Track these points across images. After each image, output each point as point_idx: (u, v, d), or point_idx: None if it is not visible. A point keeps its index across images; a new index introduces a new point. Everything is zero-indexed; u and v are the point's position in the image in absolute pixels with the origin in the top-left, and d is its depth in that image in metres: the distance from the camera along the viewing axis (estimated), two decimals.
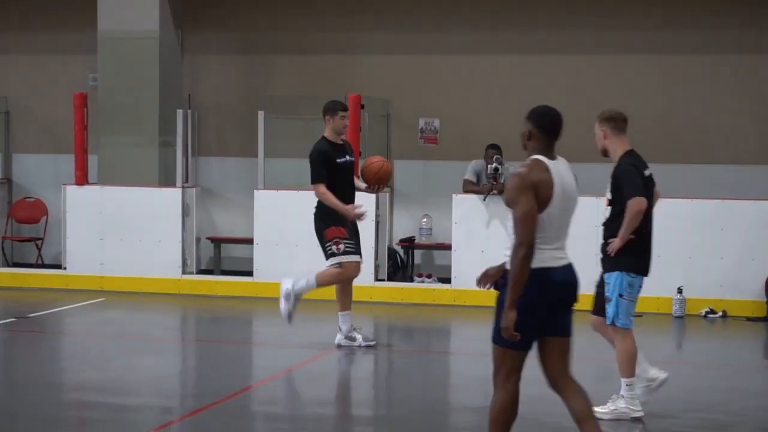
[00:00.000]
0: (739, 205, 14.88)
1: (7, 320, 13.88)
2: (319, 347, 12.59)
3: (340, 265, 12.25)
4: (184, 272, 16.14)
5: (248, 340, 13.95)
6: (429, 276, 16.55)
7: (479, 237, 15.22)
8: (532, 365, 7.21)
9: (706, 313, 14.49)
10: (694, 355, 12.96)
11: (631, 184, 9.44)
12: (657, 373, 9.71)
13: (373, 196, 14.82)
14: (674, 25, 17.22)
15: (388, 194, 16.19)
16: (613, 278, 9.50)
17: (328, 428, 9.89)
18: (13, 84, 18.64)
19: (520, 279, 6.96)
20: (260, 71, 18.11)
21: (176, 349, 12.91)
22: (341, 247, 12.21)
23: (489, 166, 15.39)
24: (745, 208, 14.86)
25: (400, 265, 16.88)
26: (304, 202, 13.65)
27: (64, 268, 16.57)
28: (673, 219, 13.82)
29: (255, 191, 15.74)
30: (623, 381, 9.35)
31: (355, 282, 14.35)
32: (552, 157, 7.32)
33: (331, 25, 17.95)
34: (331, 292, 12.79)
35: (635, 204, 9.32)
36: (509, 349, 7.18)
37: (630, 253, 9.43)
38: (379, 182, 12.60)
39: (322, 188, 12.18)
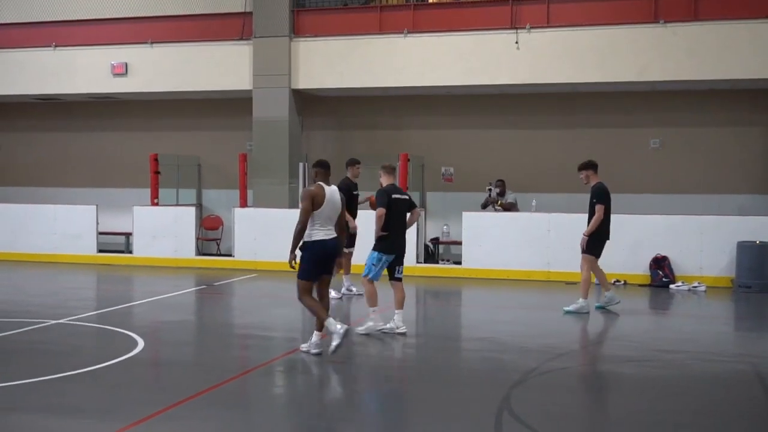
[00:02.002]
0: (631, 218, 14.66)
1: (201, 287, 14.21)
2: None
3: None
4: None
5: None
6: (448, 260, 16.82)
7: (478, 236, 15.41)
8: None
9: (615, 281, 14.48)
10: (613, 306, 12.87)
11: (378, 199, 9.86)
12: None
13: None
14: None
15: (423, 212, 16.54)
16: (373, 254, 9.91)
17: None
18: (202, 149, 19.04)
19: (295, 242, 8.48)
20: (347, 139, 18.41)
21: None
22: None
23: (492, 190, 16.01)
24: (634, 220, 14.71)
25: (431, 254, 17.01)
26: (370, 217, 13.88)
27: (233, 256, 16.79)
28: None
29: None
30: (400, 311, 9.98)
31: (405, 263, 14.78)
32: (328, 184, 8.63)
33: (390, 112, 18.23)
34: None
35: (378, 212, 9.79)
36: (304, 281, 8.53)
37: (382, 240, 9.81)
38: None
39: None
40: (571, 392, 7.79)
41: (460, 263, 15.80)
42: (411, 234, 15.19)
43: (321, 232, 8.48)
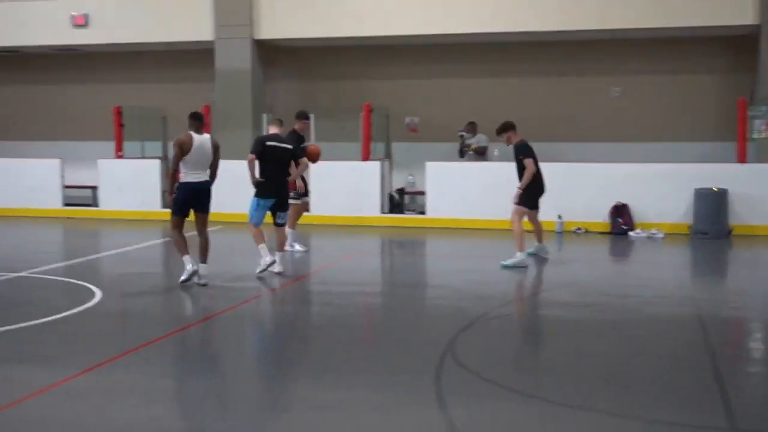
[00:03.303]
0: (591, 166, 15.12)
1: (166, 239, 14.18)
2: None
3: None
4: None
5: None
6: (413, 210, 17.00)
7: (441, 187, 15.62)
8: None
9: (576, 229, 14.81)
10: (571, 253, 13.11)
11: None
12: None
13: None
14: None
15: (388, 162, 16.69)
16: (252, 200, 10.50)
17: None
18: (167, 101, 18.86)
19: (169, 184, 9.66)
20: (312, 91, 18.44)
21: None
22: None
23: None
24: (594, 168, 15.08)
25: (395, 203, 17.13)
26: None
27: None
28: (557, 174, 14.24)
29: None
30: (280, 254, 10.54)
31: (370, 213, 14.93)
32: (199, 133, 9.53)
33: (354, 62, 18.25)
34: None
35: None
36: (175, 216, 9.68)
37: (259, 186, 10.44)
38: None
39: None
40: (515, 336, 8.09)
41: (423, 213, 16.00)
42: (375, 184, 15.48)
43: (190, 175, 9.54)
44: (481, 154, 16.12)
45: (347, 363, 6.79)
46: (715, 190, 14.11)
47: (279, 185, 10.55)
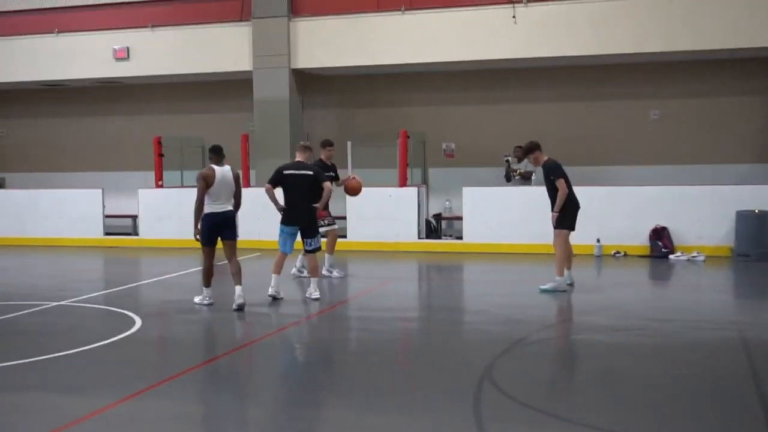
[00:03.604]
0: (631, 189, 15.02)
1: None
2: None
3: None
4: None
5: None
6: (450, 236, 16.95)
7: (478, 212, 15.56)
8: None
9: (615, 253, 14.68)
10: (611, 277, 13.09)
11: None
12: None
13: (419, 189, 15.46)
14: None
15: (425, 187, 16.70)
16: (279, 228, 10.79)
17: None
18: (205, 130, 18.96)
19: (195, 216, 9.87)
20: (349, 118, 18.55)
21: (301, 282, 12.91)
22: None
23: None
24: (634, 191, 14.97)
25: (433, 229, 17.06)
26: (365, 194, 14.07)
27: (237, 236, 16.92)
28: (595, 197, 14.18)
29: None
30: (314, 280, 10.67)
31: (407, 239, 14.92)
32: (220, 165, 9.93)
33: (391, 89, 18.34)
34: None
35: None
36: (203, 246, 10.00)
37: (283, 213, 10.68)
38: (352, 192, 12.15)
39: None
40: (553, 361, 7.99)
41: (461, 238, 15.96)
42: (412, 210, 15.49)
43: (214, 205, 9.92)
44: (527, 179, 16.02)
45: (384, 387, 6.76)
46: (757, 212, 13.90)
47: (302, 212, 10.57)
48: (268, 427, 6.04)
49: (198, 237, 9.99)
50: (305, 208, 10.57)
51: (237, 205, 10.20)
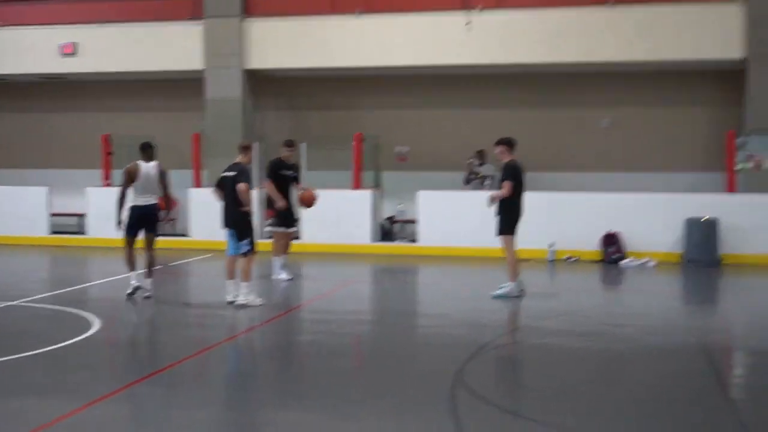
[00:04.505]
0: (583, 195, 15.31)
1: (155, 267, 14.06)
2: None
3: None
4: None
5: None
6: (404, 239, 16.95)
7: (433, 215, 15.61)
8: None
9: (567, 258, 14.84)
10: (564, 282, 13.21)
11: None
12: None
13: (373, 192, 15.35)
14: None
15: (378, 191, 16.68)
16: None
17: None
18: (156, 129, 18.67)
19: (117, 208, 10.57)
20: (303, 119, 18.44)
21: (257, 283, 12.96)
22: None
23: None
24: (586, 197, 15.26)
25: (386, 231, 17.03)
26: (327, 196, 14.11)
27: (188, 236, 16.90)
28: (548, 203, 14.31)
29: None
30: (244, 284, 10.20)
31: (360, 241, 14.91)
32: (146, 162, 10.69)
33: (345, 92, 18.27)
34: None
35: None
36: (125, 236, 10.67)
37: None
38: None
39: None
40: (522, 365, 8.03)
41: (414, 241, 15.94)
42: (366, 213, 15.46)
43: (139, 199, 10.59)
44: (485, 181, 16.11)
45: (355, 392, 6.69)
46: (705, 219, 14.18)
47: (228, 213, 10.32)
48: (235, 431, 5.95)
49: (120, 227, 10.73)
50: (230, 211, 10.29)
51: (166, 199, 10.85)
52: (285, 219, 12.39)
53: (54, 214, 17.66)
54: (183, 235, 17.23)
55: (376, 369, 7.64)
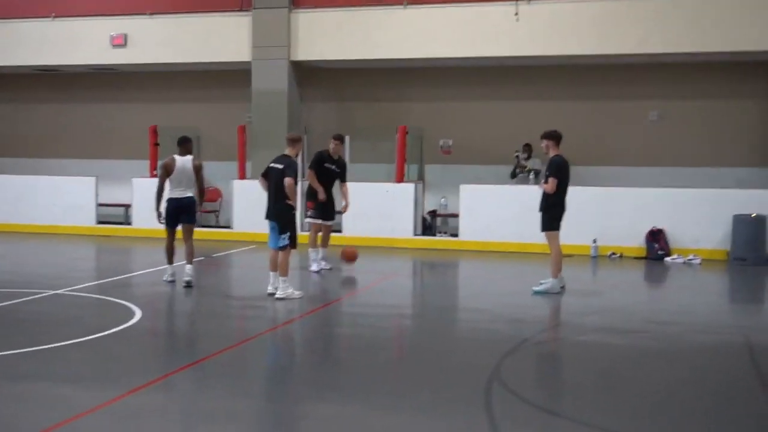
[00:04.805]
0: (628, 191, 15.09)
1: (199, 258, 13.81)
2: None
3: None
4: None
5: None
6: (445, 233, 16.86)
7: (475, 209, 15.54)
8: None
9: (611, 254, 14.69)
10: (607, 279, 12.99)
11: None
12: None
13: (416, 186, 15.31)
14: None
15: (421, 184, 16.66)
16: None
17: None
18: (202, 120, 18.95)
19: (155, 201, 10.99)
20: (348, 111, 18.46)
21: (296, 275, 13.06)
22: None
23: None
24: (631, 192, 15.05)
25: (428, 225, 16.94)
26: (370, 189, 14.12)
27: (232, 228, 17.04)
28: (592, 198, 14.17)
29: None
30: (281, 278, 10.24)
31: (402, 235, 14.91)
32: (182, 156, 10.97)
33: (390, 84, 18.22)
34: None
35: None
36: (166, 227, 11.15)
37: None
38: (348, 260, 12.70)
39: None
40: (561, 362, 7.97)
41: (456, 235, 15.92)
42: (408, 206, 15.44)
43: (175, 191, 10.98)
44: (535, 176, 15.99)
45: (392, 386, 6.72)
46: (754, 216, 13.93)
47: (270, 206, 10.31)
48: (278, 423, 5.99)
49: (161, 219, 11.10)
50: (273, 203, 10.27)
51: (200, 193, 11.15)
52: (323, 211, 12.54)
53: (101, 204, 17.92)
54: (226, 227, 17.41)
55: (414, 363, 7.66)
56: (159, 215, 11.12)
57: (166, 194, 11.02)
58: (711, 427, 5.82)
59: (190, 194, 11.05)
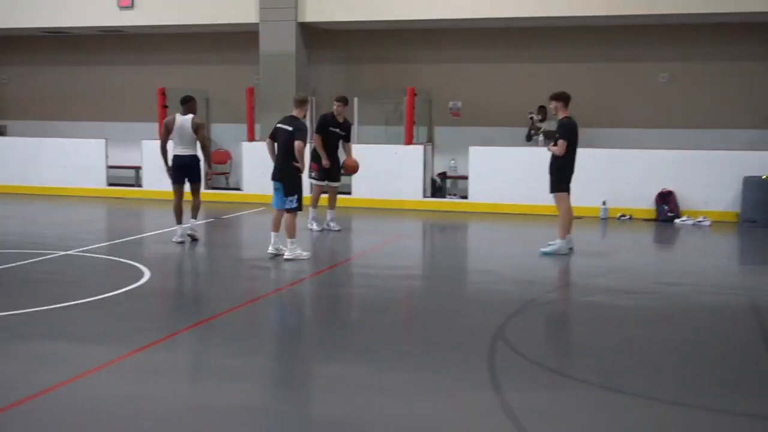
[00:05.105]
0: (638, 153, 15.01)
1: (209, 220, 14.11)
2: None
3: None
4: None
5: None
6: (455, 195, 16.86)
7: (484, 171, 15.48)
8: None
9: (620, 216, 14.67)
10: (616, 240, 13.07)
11: None
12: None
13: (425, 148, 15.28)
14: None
15: (430, 146, 16.61)
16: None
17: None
18: (210, 83, 18.96)
19: (162, 158, 11.34)
20: (356, 74, 18.39)
21: (306, 236, 13.08)
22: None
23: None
24: (641, 154, 14.97)
25: (438, 188, 17.01)
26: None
27: (241, 190, 17.08)
28: (602, 160, 14.11)
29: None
30: (289, 240, 10.25)
31: (411, 197, 14.85)
32: (183, 114, 11.18)
33: (399, 46, 18.11)
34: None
35: None
36: (173, 184, 11.41)
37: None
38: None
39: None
40: (566, 322, 8.02)
41: (465, 197, 15.91)
42: (417, 168, 15.41)
43: (177, 149, 11.28)
44: (549, 137, 15.90)
45: (398, 346, 6.77)
46: (765, 177, 13.85)
47: (277, 167, 10.31)
48: (283, 381, 6.04)
49: (169, 174, 11.38)
50: (280, 164, 10.23)
51: (204, 151, 11.44)
52: (329, 173, 12.61)
53: (111, 167, 17.95)
54: (236, 189, 17.44)
55: (421, 323, 7.71)
56: (169, 171, 11.42)
57: (172, 151, 11.32)
58: (715, 387, 5.83)
59: (192, 152, 11.31)
